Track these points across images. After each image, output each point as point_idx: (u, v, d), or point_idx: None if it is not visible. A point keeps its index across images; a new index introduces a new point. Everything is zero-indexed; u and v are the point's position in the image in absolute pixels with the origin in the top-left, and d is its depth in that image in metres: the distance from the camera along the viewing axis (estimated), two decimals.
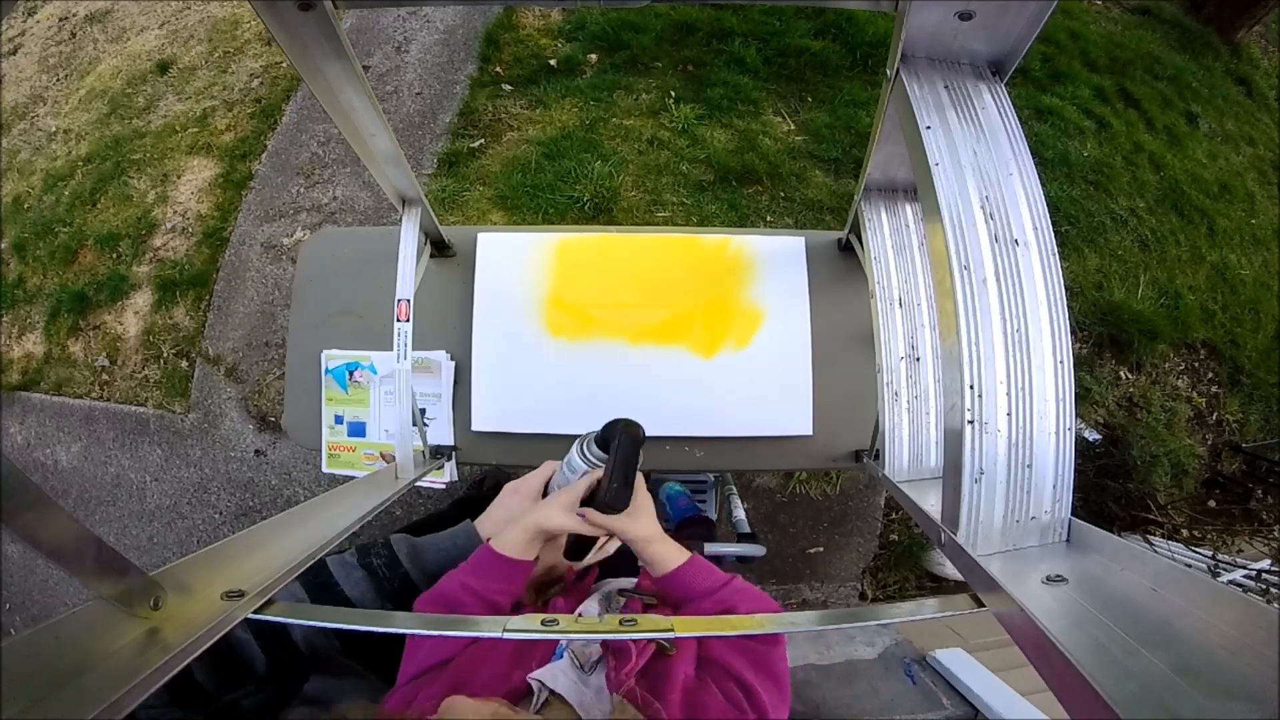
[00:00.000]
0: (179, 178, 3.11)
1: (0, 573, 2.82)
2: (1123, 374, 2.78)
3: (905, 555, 2.47)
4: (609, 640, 0.64)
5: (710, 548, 1.33)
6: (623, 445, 0.85)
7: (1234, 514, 2.68)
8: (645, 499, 0.87)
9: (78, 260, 3.04)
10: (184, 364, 2.78)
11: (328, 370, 1.30)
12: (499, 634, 0.54)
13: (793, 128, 2.95)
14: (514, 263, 1.28)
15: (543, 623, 0.55)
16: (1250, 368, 2.92)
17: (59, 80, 3.73)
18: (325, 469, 1.32)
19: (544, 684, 0.60)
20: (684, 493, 1.69)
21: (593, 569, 0.93)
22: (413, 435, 1.04)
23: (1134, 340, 2.74)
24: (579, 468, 0.89)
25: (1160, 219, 3.10)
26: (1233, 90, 3.82)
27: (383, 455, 1.31)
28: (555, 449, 1.26)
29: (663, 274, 1.27)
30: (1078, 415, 2.63)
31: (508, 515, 0.91)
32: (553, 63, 3.09)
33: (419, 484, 1.11)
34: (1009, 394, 0.52)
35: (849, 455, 1.23)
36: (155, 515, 2.73)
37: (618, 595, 0.86)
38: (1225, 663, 0.37)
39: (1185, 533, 2.54)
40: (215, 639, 0.49)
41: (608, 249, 1.28)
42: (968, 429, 0.52)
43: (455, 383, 1.28)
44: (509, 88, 3.06)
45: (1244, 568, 2.11)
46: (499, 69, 3.11)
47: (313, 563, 0.64)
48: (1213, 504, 2.73)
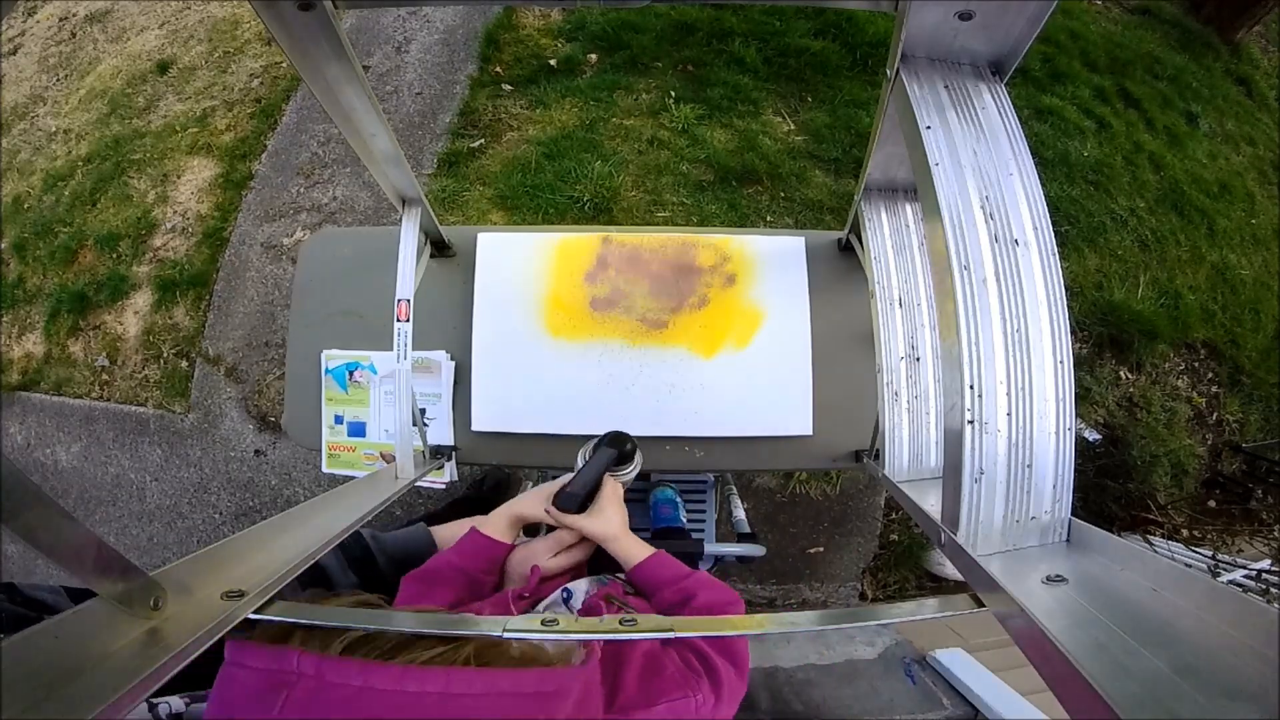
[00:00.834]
0: (179, 178, 3.11)
1: (0, 572, 2.82)
2: (1123, 374, 2.78)
3: (905, 555, 2.47)
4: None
5: (711, 548, 1.34)
6: (596, 456, 0.94)
7: (1234, 514, 2.68)
8: (611, 501, 0.91)
9: (78, 260, 3.04)
10: (184, 364, 2.78)
11: (327, 370, 1.30)
12: (499, 634, 0.54)
13: (793, 128, 2.95)
14: (514, 262, 1.28)
15: (543, 622, 0.55)
16: (1250, 368, 2.92)
17: (59, 80, 3.73)
18: (325, 469, 1.32)
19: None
20: (672, 500, 1.69)
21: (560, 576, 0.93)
22: (413, 435, 1.04)
23: (1134, 340, 2.74)
24: (577, 468, 0.96)
25: (1160, 219, 3.10)
26: (1233, 90, 3.82)
27: (383, 455, 1.31)
28: (556, 449, 1.27)
29: (663, 274, 1.27)
30: (1078, 415, 2.63)
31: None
32: (553, 63, 3.09)
33: (419, 484, 1.11)
34: (1009, 394, 0.52)
35: (849, 455, 1.23)
36: (155, 515, 2.73)
37: (607, 577, 0.90)
38: (1225, 663, 0.37)
39: (1185, 533, 2.54)
40: (215, 639, 0.49)
41: (608, 249, 1.28)
42: (968, 429, 0.52)
43: (455, 382, 1.28)
44: (509, 88, 3.06)
45: (1244, 568, 2.11)
46: (499, 69, 3.11)
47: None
48: (1213, 504, 2.73)
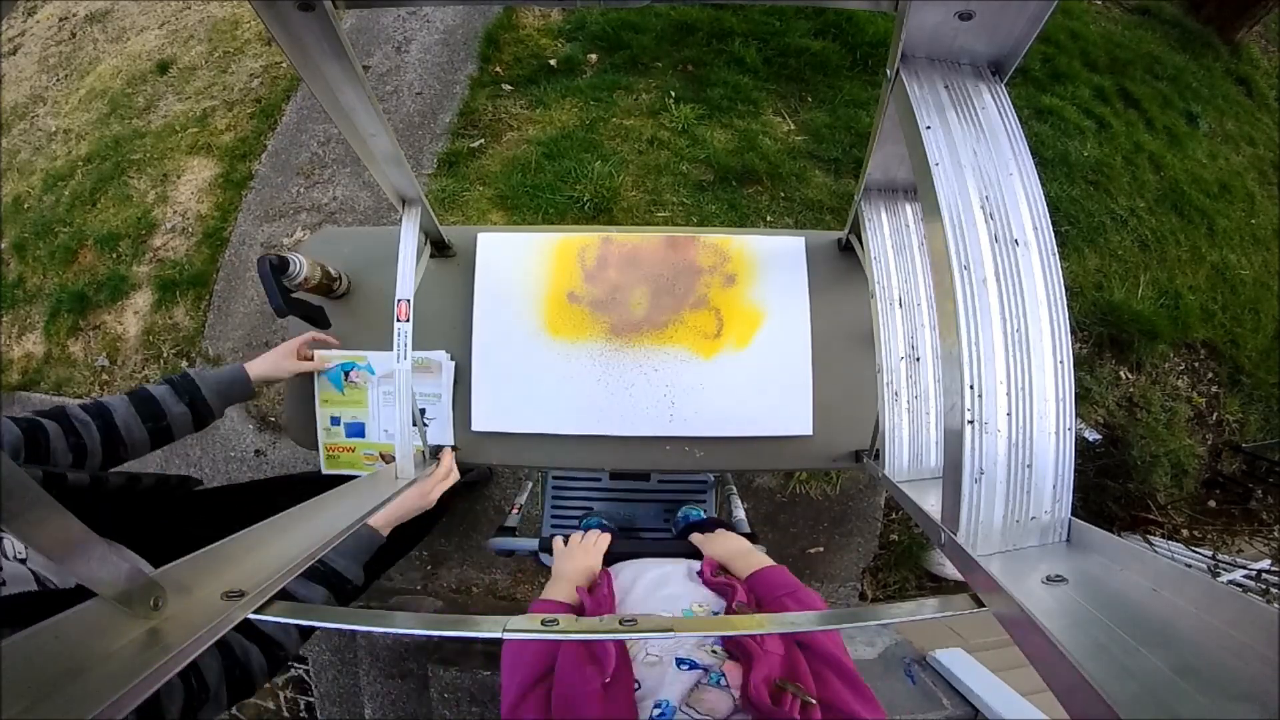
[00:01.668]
0: (179, 178, 3.11)
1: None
2: (1123, 374, 2.78)
3: (905, 555, 2.47)
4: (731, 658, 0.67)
5: None
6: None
7: (1234, 514, 2.68)
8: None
9: (78, 260, 3.04)
10: (184, 364, 2.78)
11: (324, 373, 1.30)
12: (499, 634, 0.54)
13: (793, 128, 2.95)
14: (514, 262, 1.28)
15: (543, 623, 0.55)
16: (1250, 368, 2.92)
17: (59, 80, 3.73)
18: (325, 470, 1.32)
19: None
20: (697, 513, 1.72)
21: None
22: (413, 435, 1.04)
23: (1134, 340, 2.74)
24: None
25: (1160, 219, 3.10)
26: (1233, 90, 3.82)
27: (382, 456, 1.31)
28: (555, 449, 1.27)
29: (663, 274, 1.27)
30: (1078, 415, 2.63)
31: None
32: (553, 63, 3.09)
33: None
34: (1009, 394, 0.52)
35: (849, 455, 1.23)
36: None
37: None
38: (1225, 663, 0.37)
39: (1185, 533, 2.54)
40: (215, 639, 0.49)
41: (608, 249, 1.28)
42: (968, 429, 0.52)
43: (455, 382, 1.28)
44: (509, 87, 3.06)
45: (1244, 568, 2.12)
46: (499, 69, 3.11)
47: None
48: (1213, 504, 2.73)
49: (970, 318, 0.53)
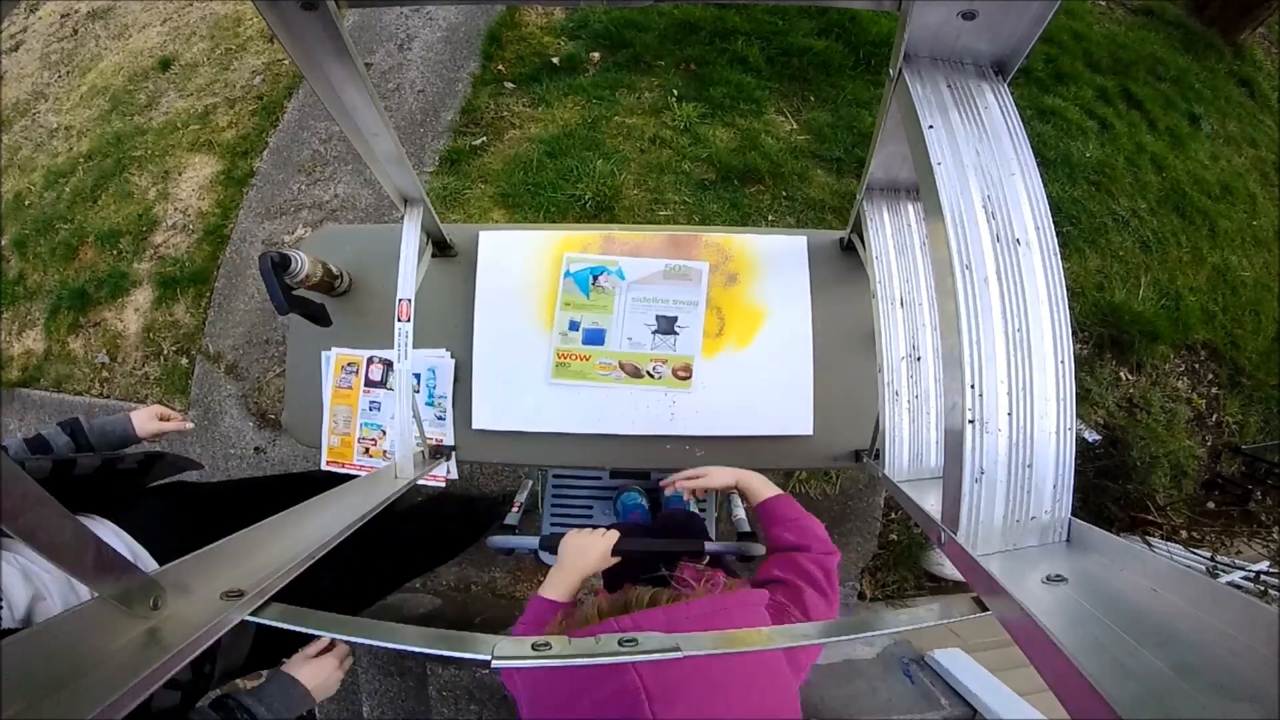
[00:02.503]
0: (180, 174, 3.11)
1: None
2: (1123, 375, 2.77)
3: (905, 555, 2.47)
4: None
5: (710, 546, 1.33)
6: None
7: (1233, 516, 2.68)
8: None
9: (78, 257, 3.04)
10: (184, 361, 2.78)
11: (568, 273, 1.26)
12: (487, 657, 0.53)
13: (795, 127, 2.95)
14: (515, 260, 1.28)
15: (533, 647, 0.54)
16: (1250, 369, 2.92)
17: (61, 77, 3.73)
18: (550, 380, 1.27)
19: None
20: (640, 505, 1.73)
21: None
22: (412, 434, 1.04)
23: (1134, 341, 2.74)
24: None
25: (1162, 220, 3.09)
26: (1235, 92, 3.81)
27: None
28: (555, 447, 1.27)
29: (664, 273, 1.27)
30: (1078, 416, 2.63)
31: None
32: (555, 61, 3.09)
33: (419, 481, 1.11)
34: (1010, 394, 0.52)
35: (849, 455, 1.23)
36: None
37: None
38: (1225, 662, 0.37)
39: (1184, 534, 2.54)
40: (214, 639, 0.49)
41: (610, 247, 1.28)
42: (968, 428, 0.52)
43: (455, 380, 1.28)
44: (511, 85, 3.05)
45: (1243, 569, 2.11)
46: (501, 67, 3.10)
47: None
48: (1212, 505, 2.73)
49: (971, 317, 0.53)
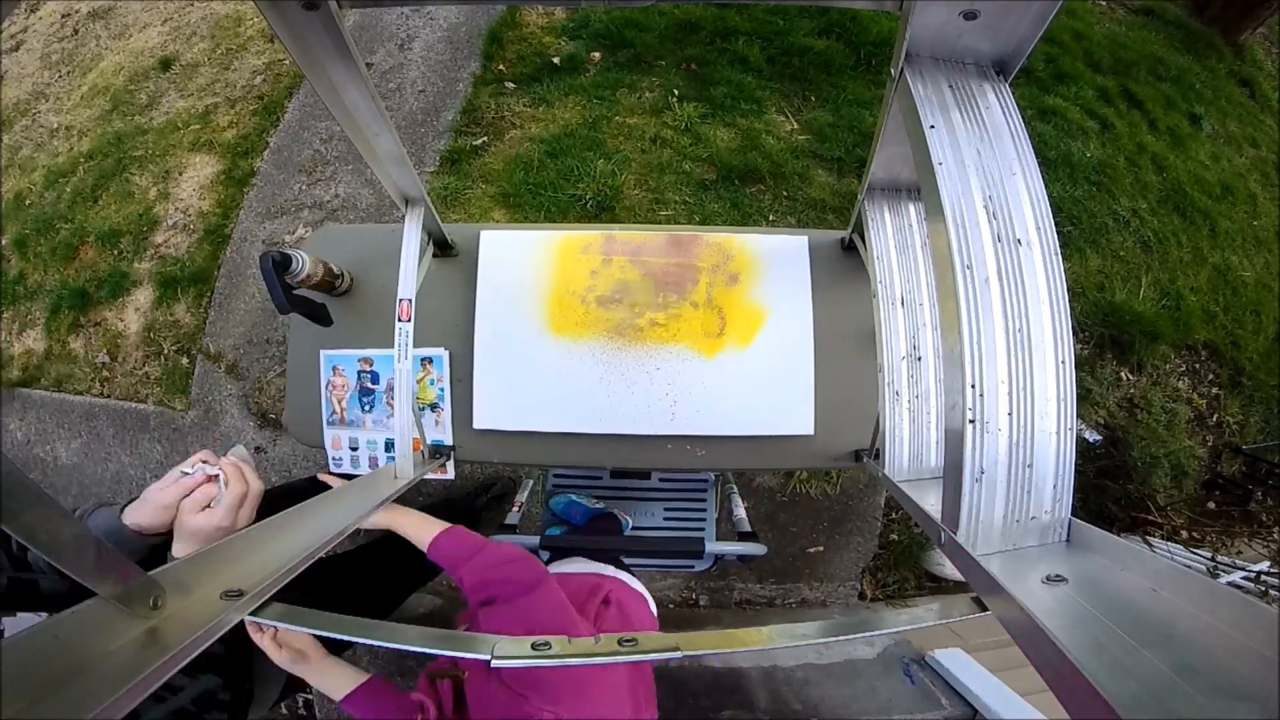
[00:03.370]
0: (181, 174, 3.11)
1: None
2: (1124, 375, 2.77)
3: (905, 555, 2.47)
4: None
5: (711, 546, 1.33)
6: None
7: (1233, 516, 2.68)
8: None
9: (79, 256, 3.04)
10: (185, 361, 2.79)
11: None
12: (487, 656, 0.52)
13: (796, 127, 2.95)
14: (516, 260, 1.28)
15: (533, 646, 0.54)
16: (1251, 369, 2.92)
17: (61, 76, 3.73)
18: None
19: None
20: (575, 501, 1.71)
21: None
22: (412, 434, 1.04)
23: (1135, 341, 2.74)
24: None
25: (1162, 220, 3.09)
26: (1236, 92, 3.81)
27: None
28: (556, 447, 1.27)
29: (666, 272, 1.27)
30: (1078, 416, 2.63)
31: None
32: (556, 61, 3.09)
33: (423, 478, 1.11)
34: (1010, 394, 0.52)
35: (849, 454, 1.23)
36: None
37: None
38: (1225, 663, 0.37)
39: (1185, 534, 2.54)
40: (214, 638, 0.49)
41: (611, 247, 1.28)
42: (969, 428, 0.52)
43: (457, 380, 1.28)
44: (512, 85, 3.05)
45: (1243, 569, 2.11)
46: (502, 67, 3.10)
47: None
48: (1212, 506, 2.73)
49: (972, 317, 0.53)
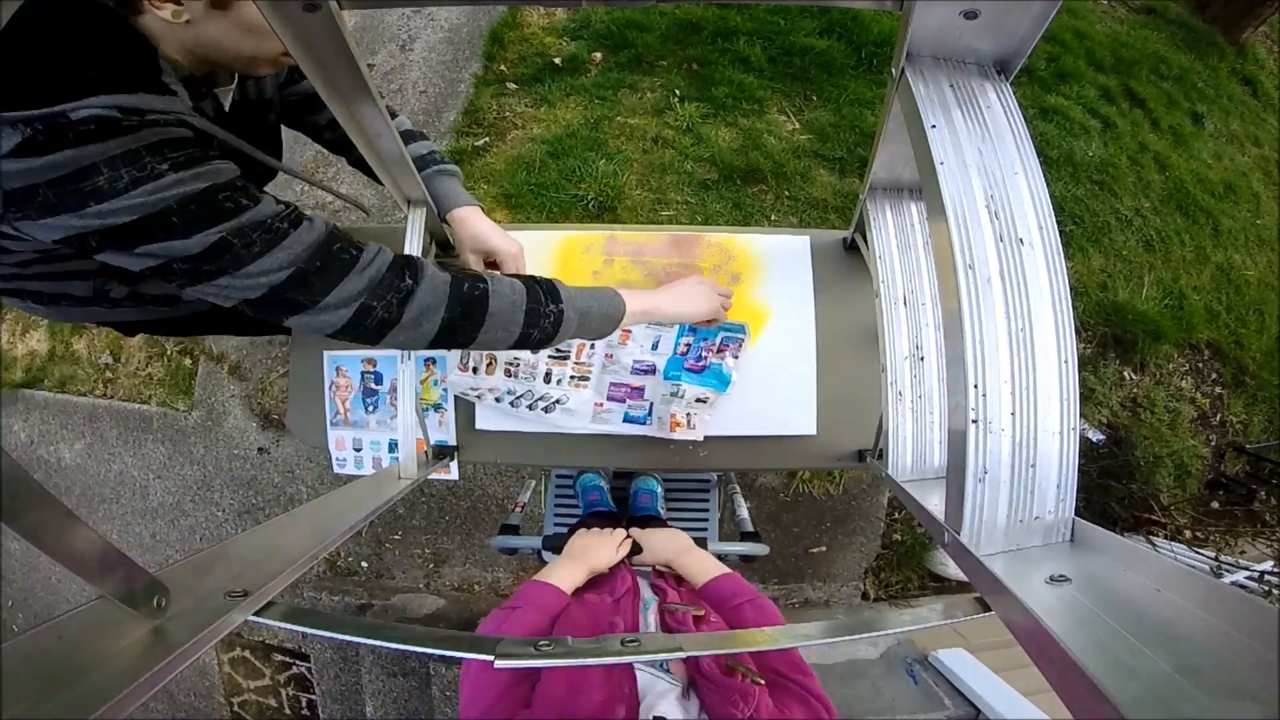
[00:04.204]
0: None
1: (1, 571, 2.83)
2: (1127, 374, 2.77)
3: (908, 555, 2.47)
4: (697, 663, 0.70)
5: (714, 546, 1.33)
6: None
7: (1237, 515, 2.68)
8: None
9: None
10: (188, 361, 2.79)
11: None
12: (490, 656, 0.53)
13: (797, 126, 2.95)
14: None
15: (536, 646, 0.54)
16: (1254, 368, 2.92)
17: None
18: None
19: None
20: (653, 490, 1.69)
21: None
22: (414, 434, 1.04)
23: (1138, 340, 2.74)
24: None
25: (1165, 219, 3.09)
26: (1238, 90, 3.81)
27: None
28: (558, 447, 1.27)
29: (668, 272, 1.27)
30: (1081, 415, 2.62)
31: None
32: (557, 61, 3.09)
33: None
34: (1013, 394, 0.52)
35: (852, 454, 1.23)
36: (158, 513, 2.74)
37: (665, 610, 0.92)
38: (1229, 663, 0.36)
39: (1188, 534, 2.54)
40: (218, 638, 0.49)
41: (613, 247, 1.28)
42: (971, 428, 0.52)
43: None
44: (513, 86, 3.06)
45: (1247, 569, 2.11)
46: (503, 67, 3.11)
47: None
48: (1216, 505, 2.73)
49: (975, 317, 0.53)
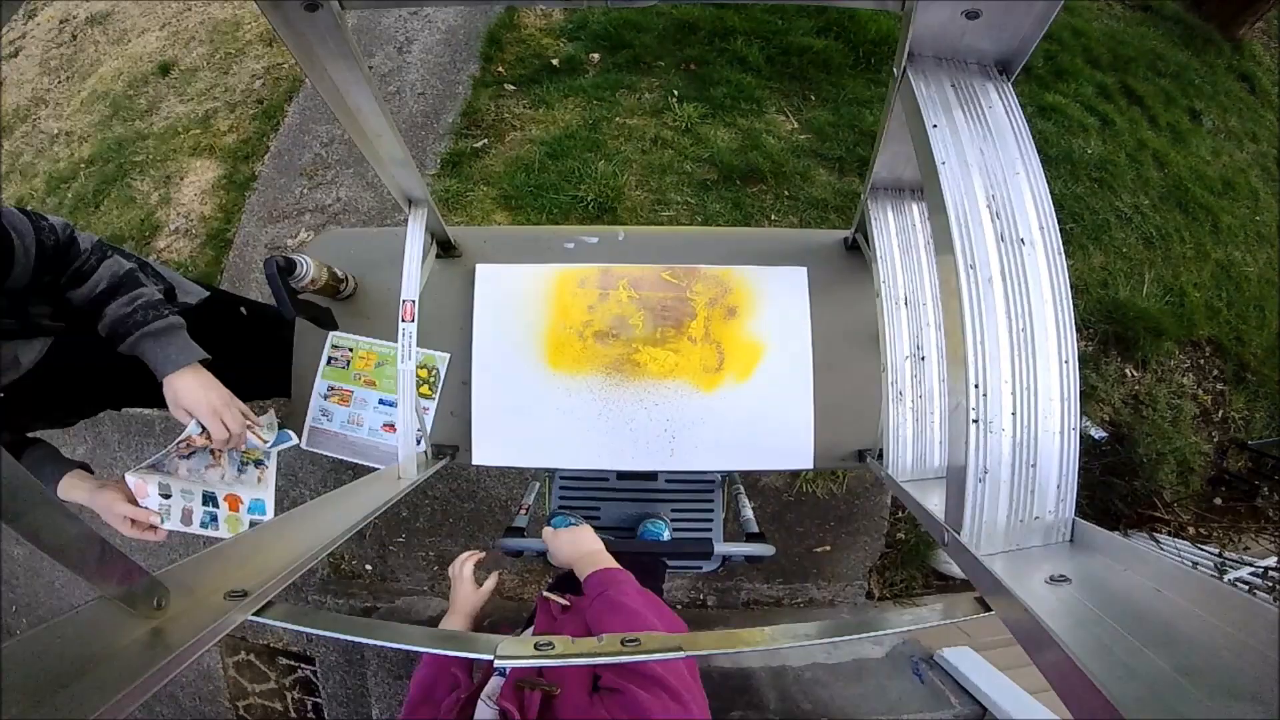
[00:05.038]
0: (182, 179, 3.12)
1: (1, 573, 2.83)
2: (1128, 371, 2.77)
3: (912, 554, 2.46)
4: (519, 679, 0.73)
5: (719, 548, 1.33)
6: None
7: (1240, 511, 2.67)
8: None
9: None
10: None
11: None
12: (490, 657, 0.53)
13: (796, 126, 2.95)
14: (513, 296, 1.27)
15: (535, 646, 0.54)
16: (1256, 364, 2.91)
17: (60, 82, 3.74)
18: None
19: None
20: (657, 534, 1.69)
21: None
22: (414, 434, 1.04)
23: (1139, 338, 2.73)
24: None
25: (1164, 216, 3.09)
26: (1236, 87, 3.80)
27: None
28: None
29: (664, 305, 1.26)
30: (1083, 413, 2.62)
31: None
32: (555, 62, 3.09)
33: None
34: (1014, 393, 0.52)
35: (853, 454, 1.22)
36: None
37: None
38: (1228, 663, 0.36)
39: (1191, 530, 2.54)
40: (218, 638, 0.49)
41: (608, 280, 1.27)
42: (972, 428, 0.52)
43: (462, 383, 1.27)
44: (512, 87, 3.06)
45: (1250, 565, 2.11)
46: (501, 69, 3.11)
47: None
48: (1219, 501, 2.72)
49: (976, 317, 0.53)
